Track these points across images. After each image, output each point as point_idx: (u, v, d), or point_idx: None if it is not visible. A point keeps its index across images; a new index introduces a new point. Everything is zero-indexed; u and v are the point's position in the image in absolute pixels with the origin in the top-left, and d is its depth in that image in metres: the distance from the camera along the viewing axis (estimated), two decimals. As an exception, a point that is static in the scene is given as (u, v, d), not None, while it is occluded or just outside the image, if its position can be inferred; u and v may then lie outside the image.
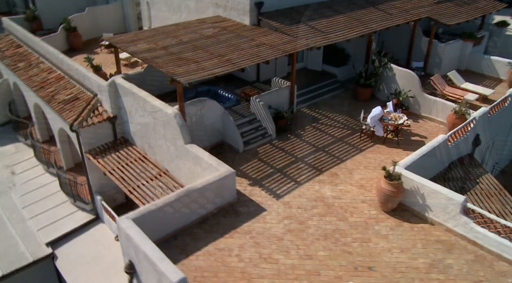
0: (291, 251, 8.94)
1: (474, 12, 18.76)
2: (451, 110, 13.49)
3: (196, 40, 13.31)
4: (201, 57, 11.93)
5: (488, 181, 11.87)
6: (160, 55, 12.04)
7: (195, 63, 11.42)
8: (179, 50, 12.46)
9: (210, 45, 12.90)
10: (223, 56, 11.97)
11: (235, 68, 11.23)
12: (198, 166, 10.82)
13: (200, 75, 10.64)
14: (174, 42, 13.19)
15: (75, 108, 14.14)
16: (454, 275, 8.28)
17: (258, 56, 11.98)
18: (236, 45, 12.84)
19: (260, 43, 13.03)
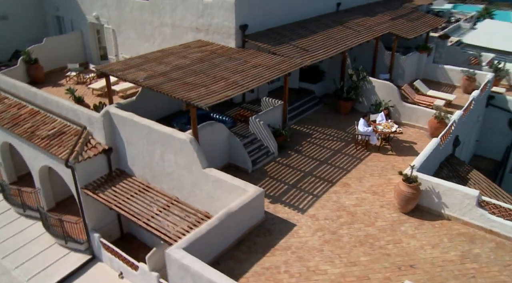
0: (334, 260, 9.36)
1: (424, 27, 20.93)
2: (432, 115, 14.90)
3: (190, 65, 13.48)
4: (205, 81, 12.14)
5: (476, 176, 13.30)
6: (163, 82, 12.04)
7: (203, 87, 11.61)
8: (179, 76, 12.55)
9: (208, 69, 13.15)
10: (226, 79, 12.28)
11: (245, 90, 11.59)
12: (220, 189, 10.90)
13: (216, 98, 10.85)
14: (169, 68, 13.24)
15: (64, 143, 13.51)
16: (485, 263, 9.23)
17: (261, 77, 12.46)
18: (233, 68, 13.22)
19: (256, 64, 13.54)
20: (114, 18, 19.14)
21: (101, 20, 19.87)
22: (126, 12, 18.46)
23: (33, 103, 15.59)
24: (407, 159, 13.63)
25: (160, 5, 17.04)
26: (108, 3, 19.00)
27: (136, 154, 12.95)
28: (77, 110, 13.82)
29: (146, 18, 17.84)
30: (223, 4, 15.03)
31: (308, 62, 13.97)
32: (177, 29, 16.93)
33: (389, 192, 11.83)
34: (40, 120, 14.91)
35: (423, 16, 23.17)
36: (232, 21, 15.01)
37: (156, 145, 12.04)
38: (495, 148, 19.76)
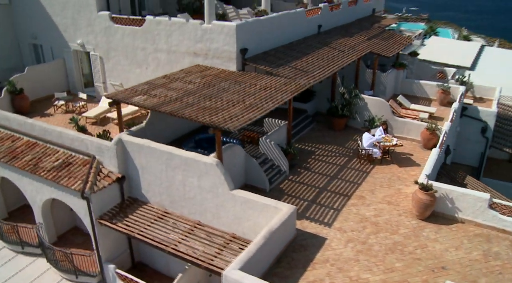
0: (372, 268, 10.00)
1: (398, 45, 22.65)
2: (423, 128, 16.18)
3: (200, 90, 13.86)
4: (222, 105, 12.58)
5: (472, 181, 14.59)
6: (182, 107, 12.35)
7: (224, 111, 12.04)
8: (194, 101, 12.90)
9: (219, 93, 13.60)
10: (242, 102, 12.81)
11: (265, 112, 12.14)
12: (249, 209, 11.26)
13: (242, 121, 11.32)
14: (180, 93, 13.55)
15: (74, 174, 13.33)
16: (506, 259, 10.26)
17: (275, 99, 13.10)
18: (243, 91, 13.77)
19: (264, 87, 14.18)
20: (102, 45, 19.12)
21: (86, 47, 19.75)
22: (116, 38, 18.53)
23: (29, 135, 15.21)
24: (409, 169, 14.72)
25: (154, 32, 17.32)
26: (96, 30, 18.99)
27: (152, 180, 13.02)
28: (84, 140, 13.71)
29: (138, 45, 18.01)
30: (223, 30, 15.62)
31: (312, 83, 14.81)
32: (173, 55, 17.26)
33: (402, 201, 12.74)
34: (41, 152, 14.58)
35: (394, 35, 25.04)
36: (234, 46, 15.62)
37: (177, 170, 12.23)
38: (470, 155, 21.51)
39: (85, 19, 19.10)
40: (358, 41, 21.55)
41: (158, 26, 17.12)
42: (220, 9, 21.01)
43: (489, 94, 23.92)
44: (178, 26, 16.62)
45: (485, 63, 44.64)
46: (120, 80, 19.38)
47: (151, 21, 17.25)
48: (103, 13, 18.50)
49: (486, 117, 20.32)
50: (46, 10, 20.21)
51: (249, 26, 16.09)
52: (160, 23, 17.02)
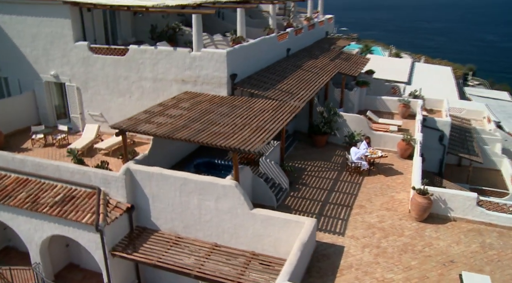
0: (393, 268, 11.16)
1: (360, 65, 24.82)
2: (399, 139, 17.99)
3: (202, 116, 14.45)
4: (230, 129, 13.29)
5: (448, 184, 16.48)
6: (194, 133, 12.88)
7: (236, 135, 12.77)
8: (202, 127, 13.49)
9: (221, 117, 14.29)
10: (249, 125, 13.62)
11: (274, 133, 13.04)
12: (270, 226, 12.00)
13: (260, 143, 12.11)
14: (183, 120, 14.04)
15: (80, 207, 13.25)
16: (500, 248, 11.94)
17: (276, 120, 14.08)
18: (244, 114, 14.59)
19: (261, 109, 15.13)
20: (80, 75, 18.98)
21: (61, 78, 19.47)
22: (96, 68, 18.53)
23: (18, 172, 14.78)
24: (394, 178, 16.33)
25: (139, 60, 17.65)
26: (72, 61, 18.84)
27: (163, 207, 13.31)
28: (87, 172, 13.68)
29: (121, 74, 18.18)
30: (213, 57, 16.43)
31: (302, 104, 16.02)
32: (160, 82, 17.67)
33: (398, 207, 14.18)
34: (36, 189, 14.23)
35: (352, 55, 27.30)
36: (224, 71, 16.46)
37: (193, 194, 12.68)
38: (431, 162, 23.87)
39: (60, 49, 18.91)
40: (324, 63, 23.35)
41: (143, 55, 17.49)
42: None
43: (438, 105, 26.82)
44: (165, 54, 17.14)
45: (418, 78, 49.33)
46: (99, 111, 19.29)
47: (135, 50, 17.59)
48: (81, 43, 18.49)
49: (442, 127, 22.79)
50: (13, 42, 19.68)
51: (236, 53, 17.05)
52: (146, 52, 17.43)
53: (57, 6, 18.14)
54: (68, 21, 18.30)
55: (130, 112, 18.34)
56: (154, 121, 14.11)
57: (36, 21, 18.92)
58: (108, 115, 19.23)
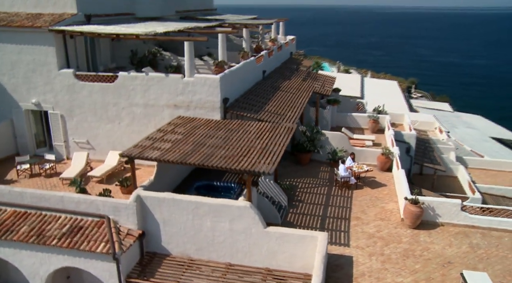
0: (401, 272, 12.39)
1: (329, 84, 26.51)
2: (379, 153, 19.60)
3: (204, 141, 15.03)
4: (238, 152, 14.03)
5: (426, 191, 18.20)
6: (205, 157, 13.49)
7: (245, 157, 13.54)
8: (209, 152, 14.07)
9: (223, 142, 14.97)
10: (254, 147, 14.44)
11: (280, 155, 13.96)
12: (285, 243, 12.81)
13: (271, 164, 12.97)
14: (190, 146, 14.56)
15: (91, 237, 13.31)
16: (486, 247, 13.59)
17: (278, 141, 15.02)
18: (244, 137, 15.38)
19: (258, 132, 16.00)
20: (64, 102, 18.85)
21: (43, 106, 19.20)
22: (82, 96, 18.53)
23: (15, 205, 14.51)
24: (380, 190, 17.81)
25: (129, 87, 17.95)
26: (56, 88, 18.69)
27: (175, 232, 13.70)
28: (94, 201, 13.79)
29: (109, 100, 18.34)
30: (206, 82, 17.16)
31: (294, 125, 17.12)
32: (151, 108, 18.05)
33: (390, 216, 15.57)
34: (38, 221, 14.05)
35: (318, 75, 29.04)
36: (218, 96, 17.23)
37: (206, 217, 13.23)
38: (399, 172, 25.86)
39: (42, 77, 18.73)
40: (298, 83, 24.78)
41: (134, 81, 17.84)
42: (174, 60, 22.36)
43: (400, 119, 29.16)
44: (157, 81, 17.62)
45: (369, 92, 52.66)
46: (85, 138, 19.23)
47: (125, 76, 17.90)
48: (66, 71, 18.47)
49: (408, 139, 24.89)
50: (-10, 70, 19.20)
51: (227, 77, 17.90)
52: (137, 79, 17.79)
53: (40, 34, 18.06)
54: (52, 48, 18.27)
55: (119, 138, 18.64)
56: (159, 147, 14.52)
57: (16, 48, 18.67)
58: (95, 142, 19.22)
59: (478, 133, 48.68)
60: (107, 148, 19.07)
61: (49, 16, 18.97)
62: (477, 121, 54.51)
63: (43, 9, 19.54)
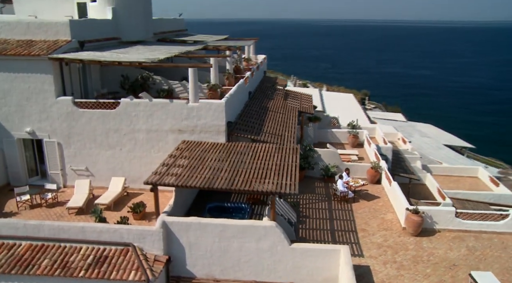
0: (416, 277, 13.76)
1: (309, 102, 28.02)
2: (368, 167, 21.19)
3: (219, 165, 15.78)
4: (257, 174, 14.87)
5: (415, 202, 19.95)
6: (226, 183, 14.21)
7: (266, 179, 14.42)
8: (229, 176, 14.78)
9: (240, 165, 15.76)
10: (268, 169, 15.35)
11: (296, 174, 14.97)
12: (309, 257, 13.79)
13: (295, 185, 13.95)
14: (209, 171, 15.19)
15: (119, 266, 13.56)
16: (481, 249, 15.35)
17: (289, 162, 16.04)
18: (257, 160, 16.24)
19: (266, 153, 16.95)
20: (62, 130, 18.71)
21: (38, 134, 18.93)
22: (81, 123, 18.53)
23: (31, 238, 14.37)
24: (376, 201, 19.32)
25: (131, 113, 18.24)
26: (53, 116, 18.53)
27: (200, 255, 14.23)
28: (118, 230, 14.02)
29: (111, 127, 18.49)
30: (211, 107, 17.89)
31: (297, 145, 18.24)
32: (155, 133, 18.43)
33: (392, 226, 17.03)
34: (59, 254, 14.03)
35: (296, 94, 30.53)
36: (223, 120, 17.99)
37: (233, 239, 13.92)
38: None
39: (38, 105, 18.55)
40: (281, 102, 26.05)
41: (136, 107, 18.17)
42: (165, 84, 22.83)
43: (372, 133, 31.22)
44: (161, 106, 18.09)
45: (329, 106, 55.26)
46: (85, 165, 19.18)
47: (128, 103, 18.19)
48: (64, 98, 18.44)
49: (385, 152, 26.86)
50: (-22, 99, 18.70)
51: (229, 101, 18.72)
52: (139, 105, 18.15)
53: (36, 61, 17.96)
54: (49, 76, 18.20)
55: (120, 164, 18.84)
56: (177, 173, 15.03)
57: (9, 77, 18.40)
58: (95, 169, 19.22)
59: (432, 141, 52.43)
60: (107, 174, 19.13)
61: (43, 43, 18.87)
62: (430, 129, 58.57)
63: (33, 36, 19.38)
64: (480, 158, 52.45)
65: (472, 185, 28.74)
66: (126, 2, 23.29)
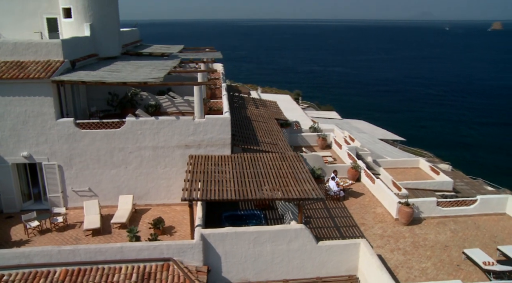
0: (421, 259, 16.36)
1: (278, 109, 30.04)
2: (349, 167, 23.76)
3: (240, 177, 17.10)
4: (278, 183, 16.51)
5: (393, 195, 22.89)
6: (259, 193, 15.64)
7: (287, 187, 16.13)
8: (255, 186, 16.26)
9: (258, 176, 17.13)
10: (285, 177, 17.04)
11: (310, 179, 16.81)
12: (334, 252, 15.77)
13: (317, 191, 15.78)
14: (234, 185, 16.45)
15: (165, 280, 14.38)
16: (461, 231, 18.50)
17: (299, 169, 17.85)
18: (268, 169, 17.84)
19: (273, 162, 18.57)
20: (62, 152, 18.58)
21: (35, 158, 18.60)
22: (84, 144, 18.58)
23: (65, 264, 14.60)
24: (362, 198, 21.89)
25: (137, 132, 18.75)
26: (52, 139, 18.33)
27: (235, 261, 15.55)
28: (158, 246, 14.82)
29: (115, 146, 18.80)
30: (217, 122, 19.05)
31: (298, 153, 20.11)
32: (161, 150, 19.12)
33: (384, 218, 19.64)
34: (100, 275, 14.47)
35: (263, 101, 32.38)
36: (228, 133, 19.25)
37: (266, 243, 15.44)
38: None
39: (36, 128, 18.29)
40: (255, 111, 27.76)
41: (142, 126, 18.74)
42: (152, 100, 23.37)
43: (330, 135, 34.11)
44: (168, 124, 18.86)
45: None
46: (87, 185, 19.27)
47: (133, 122, 18.68)
48: (65, 120, 18.41)
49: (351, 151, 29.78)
50: (-33, 126, 17.94)
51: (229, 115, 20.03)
52: (146, 123, 18.74)
53: (34, 84, 17.78)
54: (49, 98, 18.10)
55: (125, 182, 19.34)
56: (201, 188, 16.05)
57: (3, 101, 17.95)
58: (98, 189, 19.41)
59: (368, 137, 57.35)
60: (112, 193, 19.43)
61: (35, 64, 18.61)
62: (363, 125, 63.68)
63: (20, 57, 19.00)
64: (409, 149, 58.73)
65: (416, 175, 32.46)
66: (103, 18, 23.36)
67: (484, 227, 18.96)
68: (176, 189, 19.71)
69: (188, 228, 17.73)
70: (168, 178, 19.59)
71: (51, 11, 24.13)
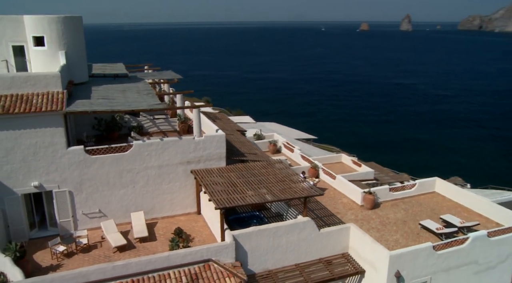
0: (391, 233, 21.50)
1: (228, 121, 33.53)
2: (310, 167, 28.41)
3: (245, 184, 20.44)
4: (280, 187, 20.28)
5: (348, 187, 28.16)
6: (272, 196, 19.22)
7: (290, 189, 20.01)
8: (264, 191, 19.80)
9: (261, 182, 20.74)
10: (281, 181, 20.89)
11: (310, 182, 20.88)
12: (332, 236, 20.10)
13: (315, 189, 19.90)
14: (249, 190, 19.81)
15: (212, 279, 17.29)
16: (410, 209, 24.23)
17: (288, 173, 21.82)
18: (264, 175, 21.50)
19: (266, 169, 22.28)
20: (73, 179, 19.78)
21: (46, 186, 19.59)
22: (93, 169, 20.04)
23: (118, 277, 16.59)
24: (327, 192, 26.64)
25: (144, 153, 20.85)
26: (63, 167, 19.45)
27: (258, 255, 18.98)
28: (200, 250, 17.59)
29: (124, 168, 20.62)
30: (214, 139, 22.01)
31: (281, 160, 24.00)
32: (165, 168, 21.45)
33: (352, 207, 24.58)
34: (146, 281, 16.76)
35: (208, 114, 35.50)
36: (223, 148, 22.33)
37: (282, 236, 19.15)
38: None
39: (46, 158, 19.33)
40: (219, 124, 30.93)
41: (149, 147, 20.91)
42: (134, 121, 25.24)
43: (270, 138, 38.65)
44: (172, 144, 21.31)
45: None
46: (97, 207, 20.79)
47: (140, 145, 20.76)
48: (75, 148, 19.76)
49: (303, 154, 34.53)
50: (-25, 161, 18.35)
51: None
52: (152, 145, 20.95)
53: (45, 116, 18.91)
54: (60, 129, 19.32)
55: (133, 200, 21.45)
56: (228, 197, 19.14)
57: (12, 135, 18.72)
58: (108, 209, 21.04)
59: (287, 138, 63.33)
60: (120, 211, 21.21)
61: (36, 97, 19.55)
62: (277, 127, 69.51)
63: (18, 90, 19.69)
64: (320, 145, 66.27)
65: (342, 169, 38.39)
66: (76, 44, 24.47)
67: (424, 203, 25.06)
68: (178, 201, 22.22)
69: (203, 233, 20.58)
70: (171, 192, 21.98)
71: (16, 38, 24.40)
